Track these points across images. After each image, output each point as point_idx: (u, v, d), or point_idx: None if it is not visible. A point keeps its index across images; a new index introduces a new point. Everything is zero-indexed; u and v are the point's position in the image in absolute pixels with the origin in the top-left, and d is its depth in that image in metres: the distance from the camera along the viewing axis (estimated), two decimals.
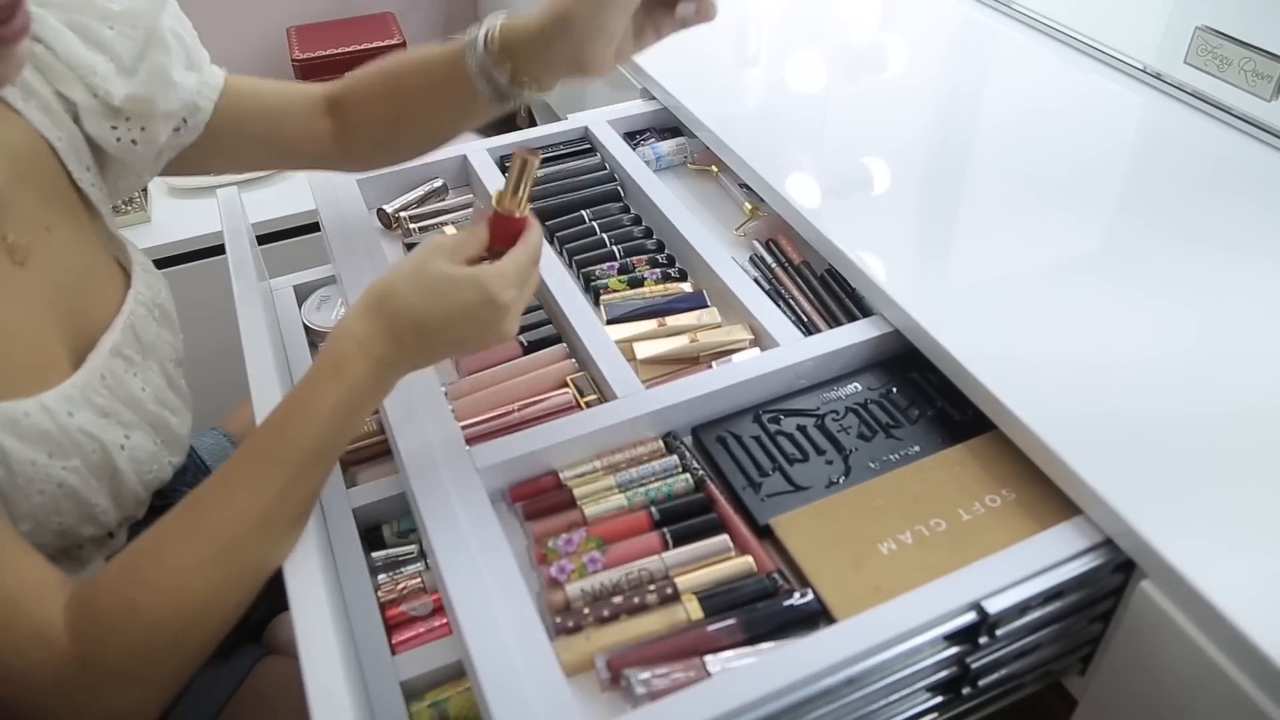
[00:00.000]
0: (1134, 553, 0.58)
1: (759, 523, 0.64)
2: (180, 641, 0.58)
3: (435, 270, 0.61)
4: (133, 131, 0.75)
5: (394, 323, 0.61)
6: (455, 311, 0.60)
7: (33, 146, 0.70)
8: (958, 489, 0.65)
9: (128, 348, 0.72)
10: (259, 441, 0.60)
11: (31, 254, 0.66)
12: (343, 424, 0.61)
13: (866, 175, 0.94)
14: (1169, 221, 0.84)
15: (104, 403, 0.68)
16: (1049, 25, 1.17)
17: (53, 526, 0.66)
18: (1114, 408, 0.65)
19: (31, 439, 0.62)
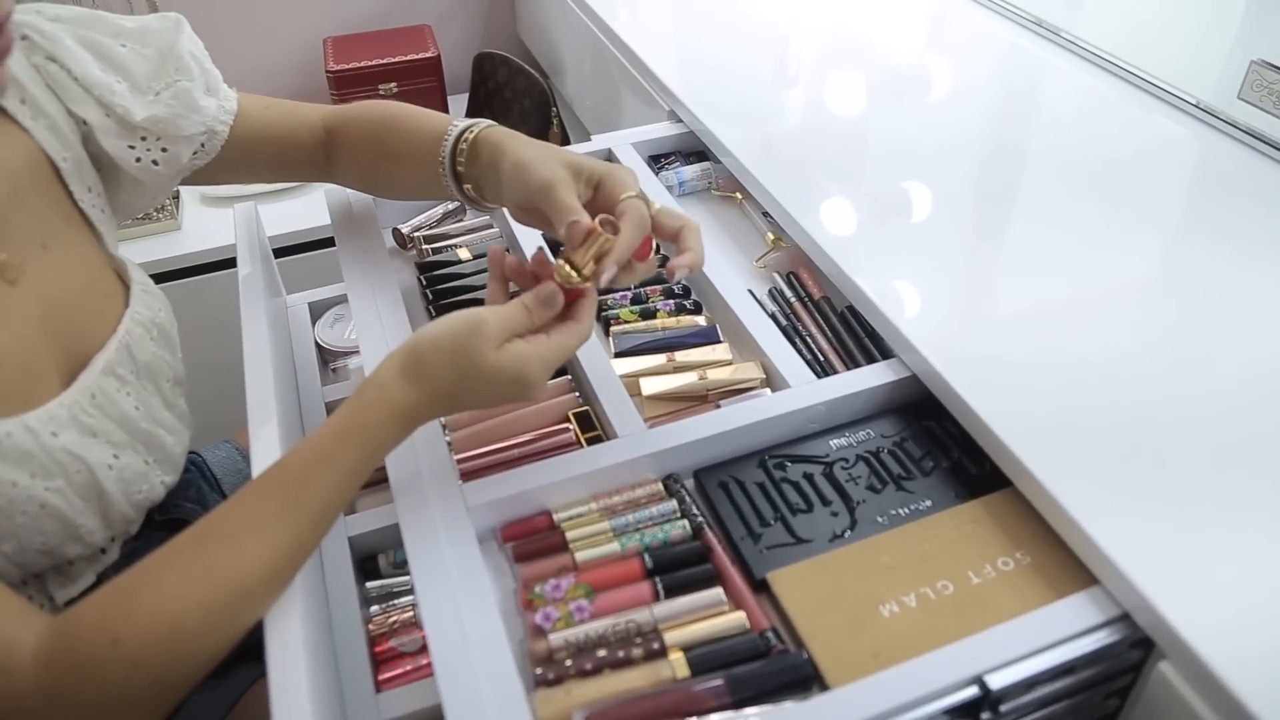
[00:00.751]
0: (1152, 630, 0.54)
1: (756, 576, 0.61)
2: (161, 684, 0.55)
3: (477, 356, 0.60)
4: (153, 152, 0.77)
5: (432, 396, 0.61)
6: (491, 391, 0.61)
7: (35, 165, 0.70)
8: (969, 549, 0.62)
9: (121, 367, 0.71)
10: (275, 488, 0.59)
11: (25, 272, 0.66)
12: (359, 480, 0.61)
13: (895, 210, 0.91)
14: (1217, 272, 0.79)
15: (92, 422, 0.67)
16: (1099, 55, 1.13)
17: (36, 546, 0.65)
18: (1140, 474, 0.61)
19: (13, 459, 0.61)
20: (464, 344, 0.60)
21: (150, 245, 1.47)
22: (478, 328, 0.60)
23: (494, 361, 0.60)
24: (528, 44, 1.87)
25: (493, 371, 0.60)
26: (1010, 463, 0.63)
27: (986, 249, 0.85)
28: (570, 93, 1.64)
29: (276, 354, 0.82)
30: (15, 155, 0.68)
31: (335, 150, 0.86)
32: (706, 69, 1.19)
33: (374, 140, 0.83)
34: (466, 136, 0.76)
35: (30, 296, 0.66)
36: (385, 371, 0.61)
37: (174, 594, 0.54)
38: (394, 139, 0.82)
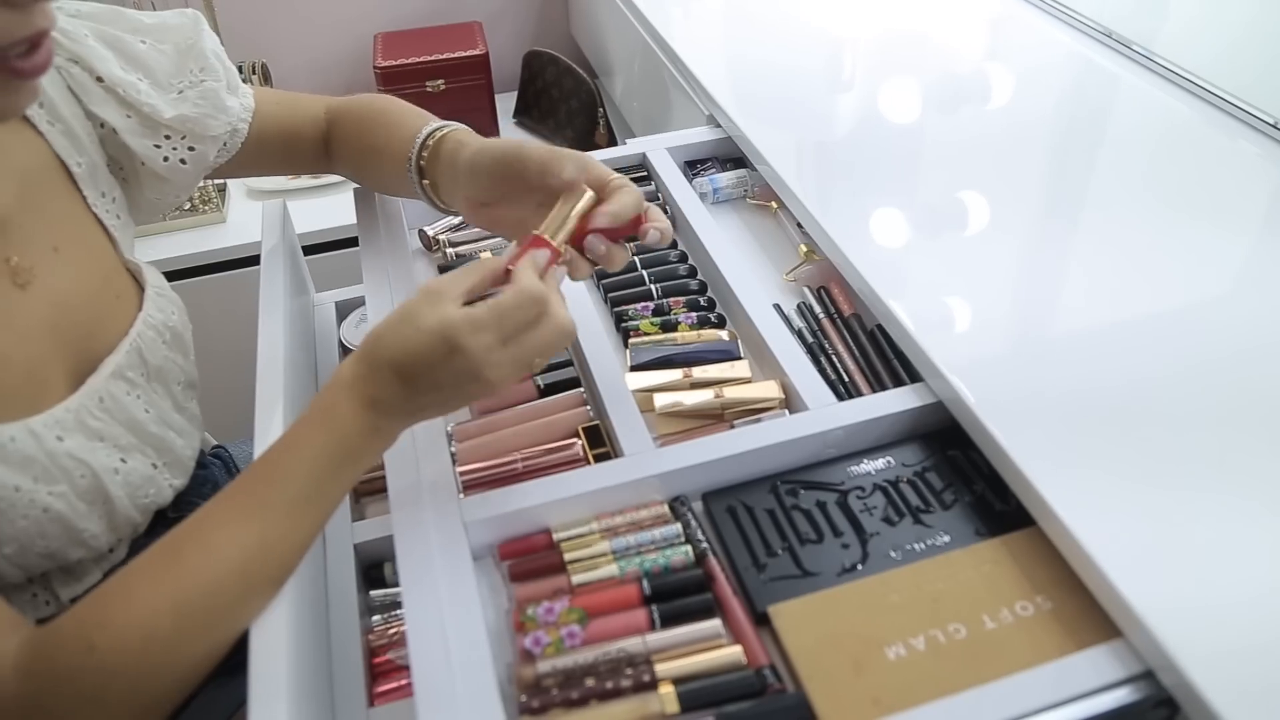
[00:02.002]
0: (1176, 690, 0.50)
1: (757, 608, 0.58)
2: (138, 692, 0.54)
3: (416, 316, 0.57)
4: (180, 150, 0.78)
5: (379, 370, 0.58)
6: (430, 357, 0.56)
7: (49, 169, 0.70)
8: (986, 590, 0.58)
9: (131, 370, 0.71)
10: (244, 484, 0.57)
11: (35, 275, 0.66)
12: (334, 471, 0.58)
13: (936, 234, 0.86)
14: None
15: (99, 426, 0.67)
16: (1171, 69, 1.06)
17: (38, 550, 0.65)
18: (1173, 524, 0.57)
19: (15, 464, 0.61)
20: (408, 306, 0.58)
21: (195, 237, 1.49)
22: (425, 288, 0.59)
23: (430, 318, 0.56)
24: (580, 43, 1.86)
25: (426, 327, 0.56)
26: (1034, 501, 0.59)
27: (1032, 275, 0.80)
28: (619, 94, 1.62)
29: (297, 352, 0.82)
30: (29, 159, 0.68)
31: (331, 143, 0.87)
32: (750, 74, 1.16)
33: (360, 135, 0.84)
34: (434, 135, 0.77)
35: (40, 299, 0.66)
36: (345, 360, 0.60)
37: (145, 598, 0.53)
38: (377, 135, 0.82)
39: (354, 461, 0.59)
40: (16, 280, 0.64)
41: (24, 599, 0.66)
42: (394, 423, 0.59)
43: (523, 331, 0.58)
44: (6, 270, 0.64)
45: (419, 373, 0.57)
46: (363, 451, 0.59)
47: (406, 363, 0.57)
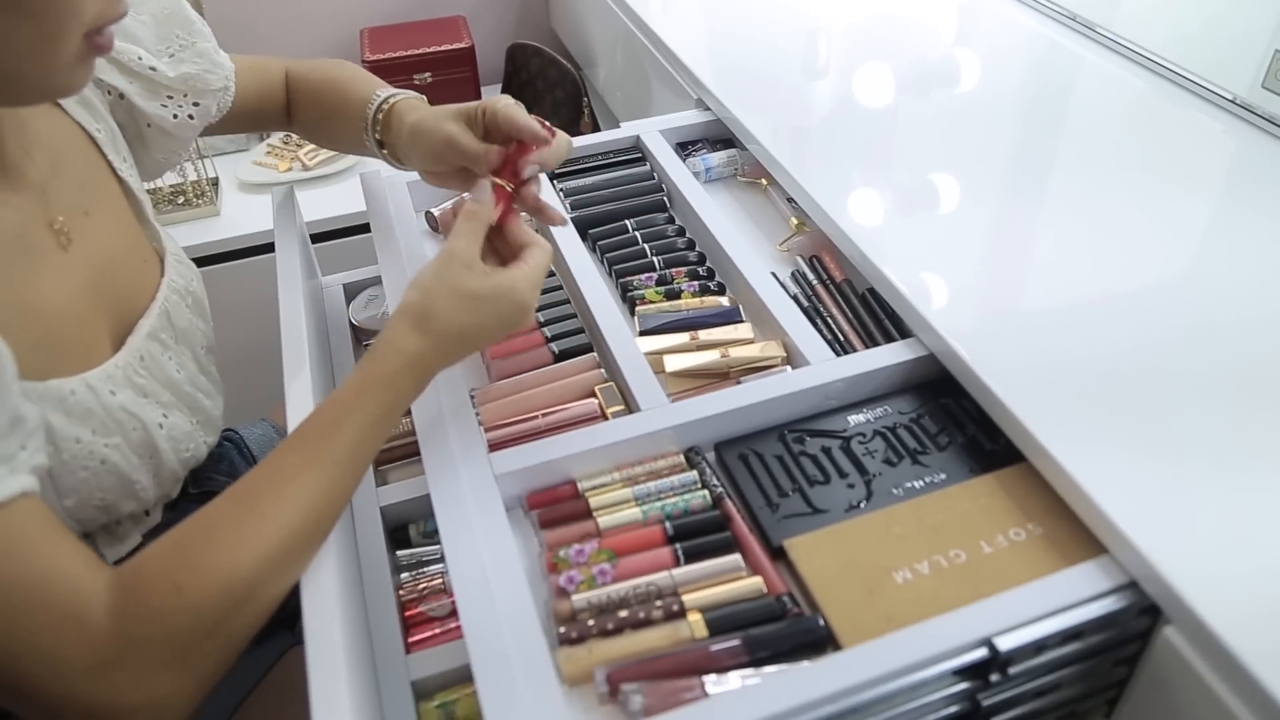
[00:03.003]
0: (1159, 598, 0.55)
1: (773, 543, 0.63)
2: (223, 628, 0.57)
3: (470, 287, 0.64)
4: (186, 107, 0.84)
5: (440, 339, 0.64)
6: (492, 320, 0.65)
7: (72, 138, 0.73)
8: (982, 520, 0.64)
9: (163, 332, 0.75)
10: (309, 436, 0.62)
11: (73, 238, 0.69)
12: (385, 429, 0.64)
13: (919, 198, 0.92)
14: (1244, 274, 0.80)
15: (143, 383, 0.71)
16: (1131, 49, 1.13)
17: (95, 502, 0.68)
18: (1149, 447, 0.63)
19: (77, 416, 0.64)
20: (453, 281, 0.65)
21: (190, 230, 1.51)
22: (451, 261, 0.65)
23: (487, 286, 0.65)
24: (560, 35, 1.90)
25: (488, 295, 0.65)
26: (1024, 438, 0.64)
27: (1009, 235, 0.86)
28: (602, 83, 1.66)
29: (312, 327, 0.85)
30: (54, 129, 0.72)
31: (291, 106, 0.94)
32: (735, 58, 1.21)
33: (318, 99, 0.92)
34: (384, 106, 0.85)
35: (81, 260, 0.69)
36: (394, 328, 0.64)
37: (229, 543, 0.57)
38: (332, 100, 0.90)
39: (397, 413, 0.64)
40: (60, 241, 0.68)
41: None
42: (432, 377, 0.66)
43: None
44: (50, 233, 0.67)
45: (481, 332, 0.65)
46: (405, 405, 0.65)
47: (471, 326, 0.65)
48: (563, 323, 0.83)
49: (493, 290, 0.65)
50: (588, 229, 0.94)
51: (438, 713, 0.64)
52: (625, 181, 1.01)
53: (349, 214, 1.54)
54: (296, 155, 1.65)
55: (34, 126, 0.70)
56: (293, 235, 0.91)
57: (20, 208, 0.66)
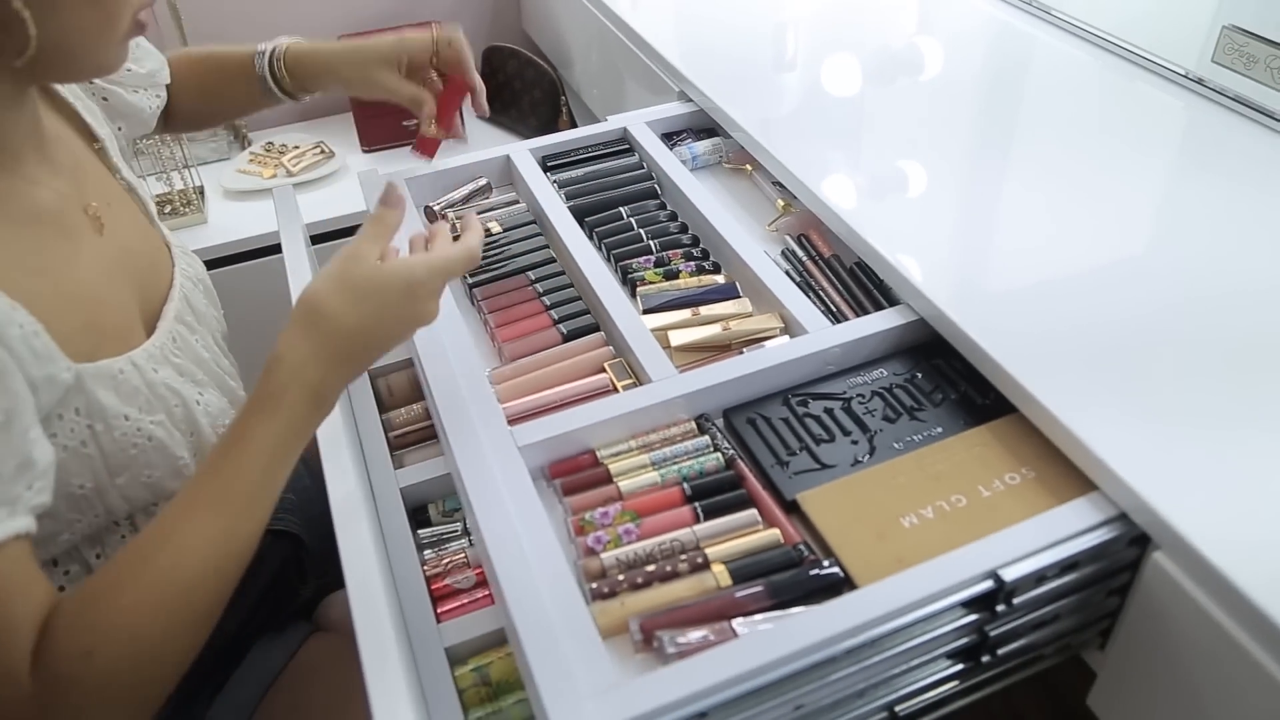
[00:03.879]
0: (1148, 526, 0.60)
1: (786, 498, 0.67)
2: (136, 686, 0.57)
3: (355, 276, 0.63)
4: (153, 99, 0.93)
5: (329, 339, 0.62)
6: (385, 311, 0.63)
7: (84, 136, 0.79)
8: (978, 467, 0.68)
9: (187, 315, 0.78)
10: (202, 478, 0.60)
11: (105, 224, 0.73)
12: (284, 456, 0.62)
13: (898, 175, 0.97)
14: (1200, 219, 0.86)
15: (179, 362, 0.74)
16: (1086, 29, 1.19)
17: (143, 479, 0.70)
18: (1130, 385, 0.68)
19: (126, 394, 0.67)
20: (343, 270, 0.63)
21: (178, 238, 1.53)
22: (347, 252, 0.64)
23: (375, 273, 0.63)
24: (533, 37, 1.93)
25: (379, 284, 0.62)
26: (1013, 388, 0.69)
27: (981, 205, 0.91)
28: (578, 82, 1.69)
29: None
30: (69, 127, 0.77)
31: (170, 95, 0.99)
32: (713, 50, 1.25)
33: (193, 76, 1.00)
34: (277, 59, 0.97)
35: (113, 246, 0.73)
36: (281, 338, 0.62)
37: (131, 602, 0.56)
38: (210, 74, 1.00)
39: (302, 439, 0.62)
40: (94, 226, 0.71)
41: (114, 540, 0.71)
42: (336, 391, 0.64)
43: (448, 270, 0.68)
44: (86, 217, 0.71)
45: (377, 326, 0.63)
46: (309, 427, 0.63)
47: (365, 321, 0.62)
48: (568, 305, 0.87)
49: (381, 277, 0.62)
50: (584, 217, 0.97)
51: (473, 675, 0.67)
52: (616, 172, 1.04)
53: (335, 218, 1.56)
54: (280, 162, 1.67)
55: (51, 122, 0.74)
56: (297, 232, 0.94)
57: (59, 190, 0.69)
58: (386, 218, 0.67)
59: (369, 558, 0.63)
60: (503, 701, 0.65)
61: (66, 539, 0.67)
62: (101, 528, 0.70)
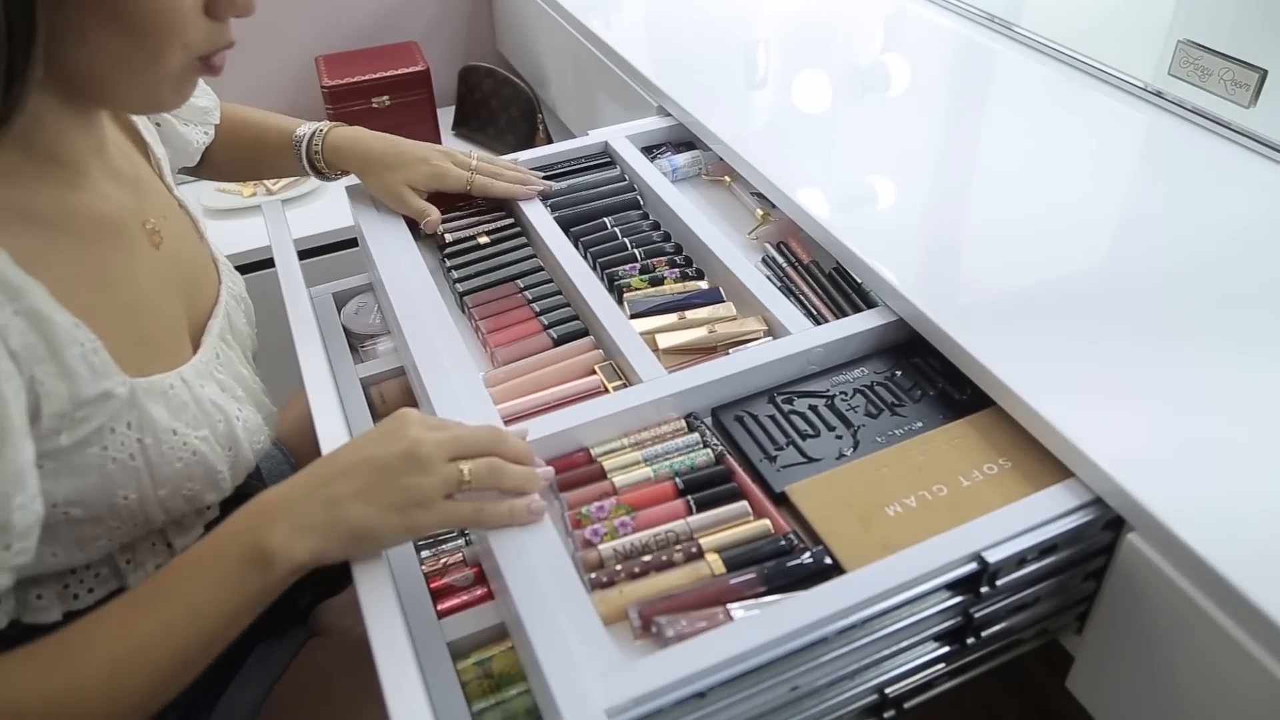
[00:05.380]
0: (1121, 508, 0.63)
1: (775, 490, 0.70)
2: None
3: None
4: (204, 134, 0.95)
5: (296, 482, 0.62)
6: (363, 453, 0.62)
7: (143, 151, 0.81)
8: (958, 458, 0.71)
9: (227, 333, 0.80)
10: (139, 590, 0.59)
11: (162, 240, 0.74)
12: (216, 596, 0.59)
13: (872, 183, 1.00)
14: (1159, 228, 0.89)
15: (222, 378, 0.75)
16: (1046, 44, 1.24)
17: (185, 492, 0.70)
18: (1100, 380, 0.71)
19: (175, 409, 0.68)
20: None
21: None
22: None
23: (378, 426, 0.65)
24: (507, 56, 1.96)
25: (372, 431, 0.64)
26: (989, 381, 0.72)
27: (953, 209, 0.94)
28: (553, 99, 1.72)
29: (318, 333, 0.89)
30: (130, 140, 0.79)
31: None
32: (688, 67, 1.28)
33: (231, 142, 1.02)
34: (315, 144, 0.99)
35: (169, 261, 0.74)
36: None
37: (20, 682, 0.55)
38: (247, 142, 1.02)
39: (229, 583, 0.59)
40: (153, 240, 0.73)
41: (145, 548, 0.72)
42: (284, 554, 0.59)
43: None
44: (145, 232, 0.72)
45: (345, 465, 0.62)
46: (241, 569, 0.59)
47: (334, 457, 0.63)
48: (557, 311, 0.89)
49: (379, 426, 0.65)
50: (569, 227, 1.00)
51: (475, 669, 0.68)
52: (599, 184, 1.07)
53: (317, 234, 1.58)
54: (260, 180, 1.68)
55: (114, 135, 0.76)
56: (287, 245, 0.96)
57: (121, 203, 0.70)
58: None
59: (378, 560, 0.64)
60: (505, 693, 0.66)
61: (105, 544, 0.67)
62: (137, 536, 0.70)
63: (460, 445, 0.64)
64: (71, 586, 0.68)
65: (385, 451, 0.62)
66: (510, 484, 0.65)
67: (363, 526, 0.60)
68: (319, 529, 0.60)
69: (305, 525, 0.59)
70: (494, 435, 0.67)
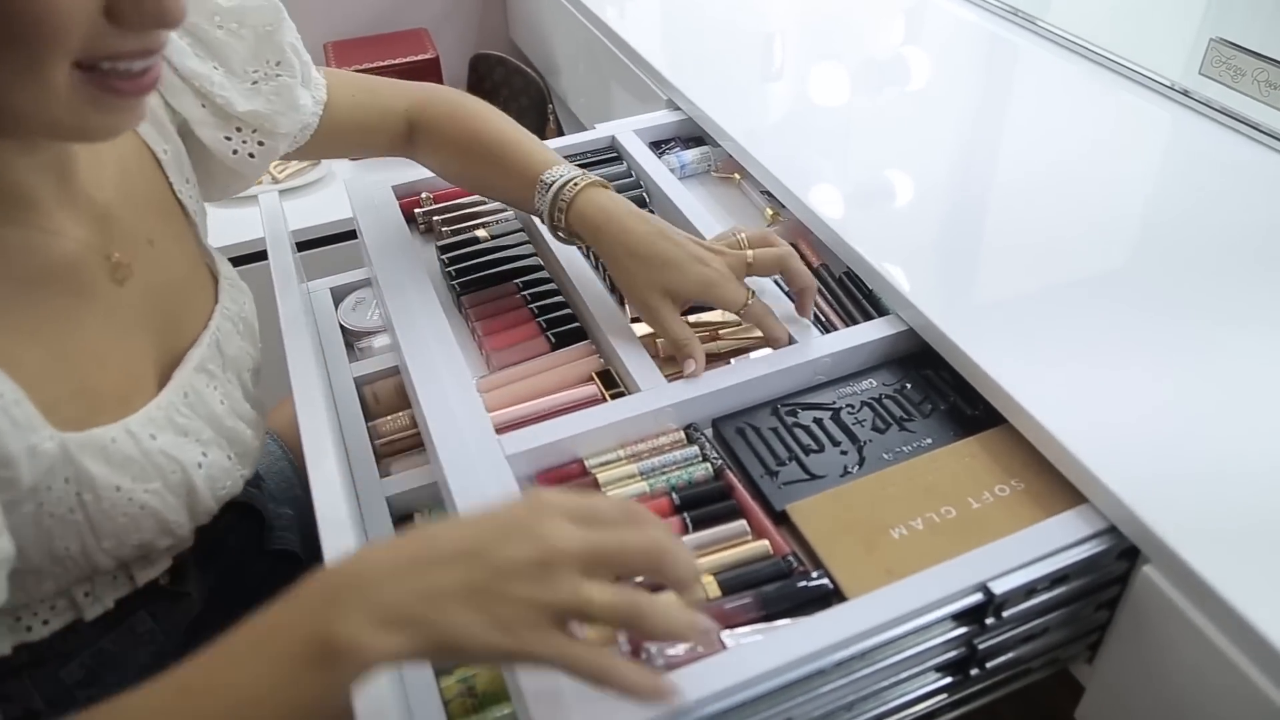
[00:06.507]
0: (1136, 538, 0.60)
1: (775, 508, 0.67)
2: None
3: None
4: (249, 144, 0.78)
5: (364, 558, 0.49)
6: (480, 531, 0.49)
7: (140, 157, 0.72)
8: (968, 479, 0.68)
9: (211, 362, 0.73)
10: (181, 676, 0.47)
11: (132, 272, 0.67)
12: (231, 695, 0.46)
13: (886, 184, 0.97)
14: (1184, 236, 0.86)
15: (184, 422, 0.68)
16: (1072, 40, 1.20)
17: (133, 543, 0.66)
18: (1119, 402, 0.67)
19: (118, 464, 0.62)
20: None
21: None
22: None
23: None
24: (520, 45, 1.93)
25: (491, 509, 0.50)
26: (1002, 399, 0.69)
27: (971, 217, 0.91)
28: (564, 90, 1.69)
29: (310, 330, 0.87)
30: (124, 147, 0.71)
31: (419, 146, 0.90)
32: (701, 60, 1.25)
33: (460, 150, 0.88)
34: (565, 196, 0.80)
35: (136, 294, 0.67)
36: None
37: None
38: (482, 159, 0.86)
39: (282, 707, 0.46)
40: (116, 276, 0.66)
41: (104, 580, 0.68)
42: (353, 650, 0.44)
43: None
44: (107, 267, 0.65)
45: (437, 558, 0.47)
46: (297, 690, 0.46)
47: (436, 533, 0.49)
48: (556, 312, 0.86)
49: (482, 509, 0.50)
50: None
51: (459, 686, 0.66)
52: (605, 179, 1.04)
53: (323, 224, 1.56)
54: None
55: (106, 146, 0.68)
56: (283, 241, 0.93)
57: (80, 240, 0.64)
58: None
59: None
60: (488, 713, 0.64)
61: (51, 586, 0.64)
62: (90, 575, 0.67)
63: (605, 556, 0.49)
64: (24, 619, 0.64)
65: (512, 552, 0.47)
66: (655, 632, 0.50)
67: (460, 638, 0.45)
68: (405, 625, 0.45)
69: (388, 617, 0.45)
70: (658, 549, 0.51)
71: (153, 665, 0.73)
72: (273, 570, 0.87)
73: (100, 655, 0.70)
